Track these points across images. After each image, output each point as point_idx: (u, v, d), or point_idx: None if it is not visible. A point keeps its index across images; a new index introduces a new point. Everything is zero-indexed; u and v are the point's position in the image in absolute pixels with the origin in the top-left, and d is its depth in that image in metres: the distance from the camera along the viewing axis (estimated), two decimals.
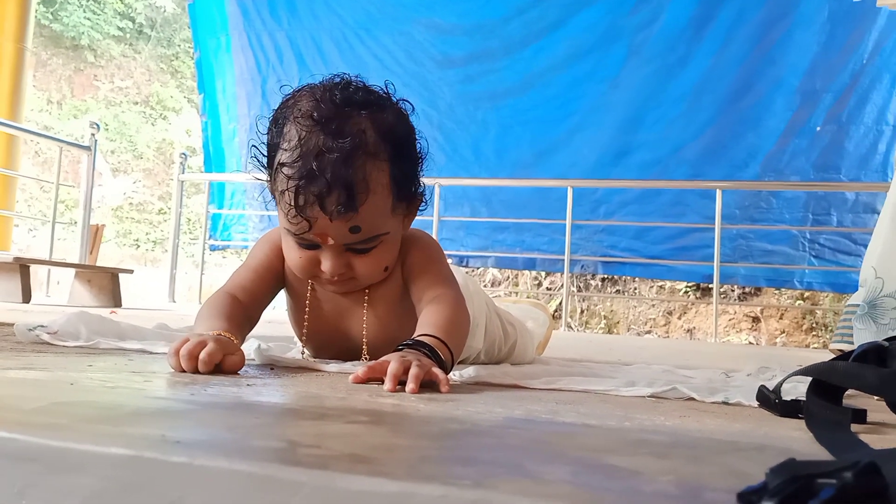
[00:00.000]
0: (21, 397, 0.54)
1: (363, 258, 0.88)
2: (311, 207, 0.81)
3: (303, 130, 0.82)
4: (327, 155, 0.80)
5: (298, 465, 0.38)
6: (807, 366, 0.70)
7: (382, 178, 0.84)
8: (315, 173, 0.80)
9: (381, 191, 0.84)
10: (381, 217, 0.86)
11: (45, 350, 0.92)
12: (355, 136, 0.81)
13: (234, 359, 0.75)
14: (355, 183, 0.81)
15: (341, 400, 0.62)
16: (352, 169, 0.80)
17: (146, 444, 0.41)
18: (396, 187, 0.86)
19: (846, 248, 4.46)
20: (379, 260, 0.89)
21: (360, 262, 0.88)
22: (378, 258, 0.89)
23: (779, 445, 0.54)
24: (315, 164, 0.80)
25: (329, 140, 0.80)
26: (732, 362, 1.79)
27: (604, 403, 0.72)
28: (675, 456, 0.46)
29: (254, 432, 0.46)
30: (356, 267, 0.88)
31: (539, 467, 0.40)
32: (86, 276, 3.42)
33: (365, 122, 0.83)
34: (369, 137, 0.83)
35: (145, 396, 0.60)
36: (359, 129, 0.82)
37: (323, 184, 0.79)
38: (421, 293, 0.90)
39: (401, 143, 0.87)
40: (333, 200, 0.80)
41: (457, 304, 0.87)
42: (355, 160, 0.81)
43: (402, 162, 0.87)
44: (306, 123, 0.82)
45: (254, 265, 0.96)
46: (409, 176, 0.89)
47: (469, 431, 0.51)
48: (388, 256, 0.90)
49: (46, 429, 0.43)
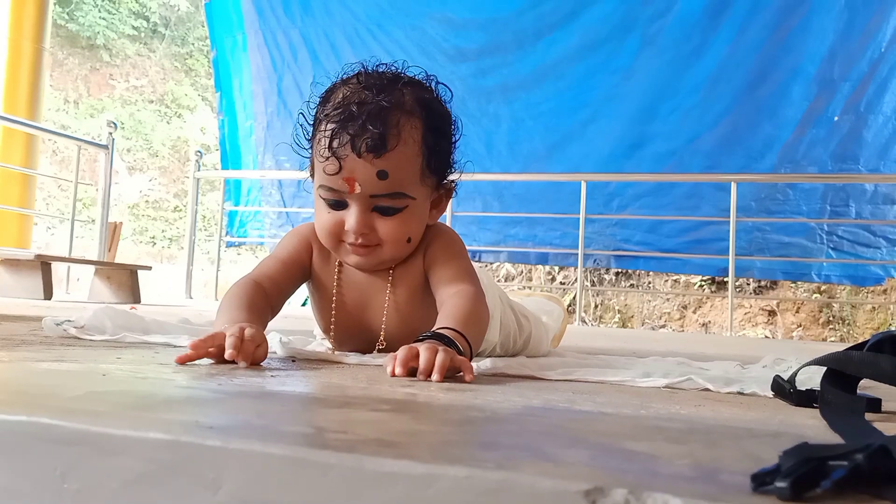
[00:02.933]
0: (58, 386, 0.57)
1: (387, 221, 0.90)
2: (343, 148, 0.86)
3: (348, 91, 0.89)
4: (366, 105, 0.86)
5: (328, 448, 0.40)
6: (822, 356, 0.70)
7: (415, 135, 0.89)
8: (353, 115, 0.86)
9: (412, 145, 0.89)
10: (409, 173, 0.89)
11: (74, 344, 0.95)
12: (394, 96, 0.88)
13: (258, 351, 0.77)
14: (388, 128, 0.86)
15: (363, 389, 0.64)
16: (387, 117, 0.86)
17: (182, 429, 0.42)
18: (427, 152, 0.91)
19: (865, 240, 4.40)
20: (403, 226, 0.91)
21: (384, 224, 0.90)
22: (402, 224, 0.91)
23: (793, 432, 0.55)
24: (354, 109, 0.86)
25: (370, 95, 0.87)
26: (749, 354, 1.79)
27: (620, 393, 0.74)
28: (691, 441, 0.47)
29: (282, 419, 0.48)
30: (379, 230, 0.90)
31: (559, 451, 0.42)
32: (105, 272, 3.48)
33: (405, 89, 0.91)
34: (407, 100, 0.89)
35: (175, 386, 0.62)
36: (399, 91, 0.89)
37: (358, 125, 0.85)
38: (442, 286, 0.92)
39: (436, 116, 0.93)
40: (365, 138, 0.85)
41: (477, 299, 0.89)
42: (391, 112, 0.87)
43: (436, 132, 0.92)
44: (352, 86, 0.90)
45: (282, 256, 0.98)
46: (441, 148, 0.93)
47: (489, 419, 0.52)
48: (412, 227, 0.93)
49: (86, 415, 0.45)
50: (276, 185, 5.66)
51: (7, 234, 4.90)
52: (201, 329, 1.20)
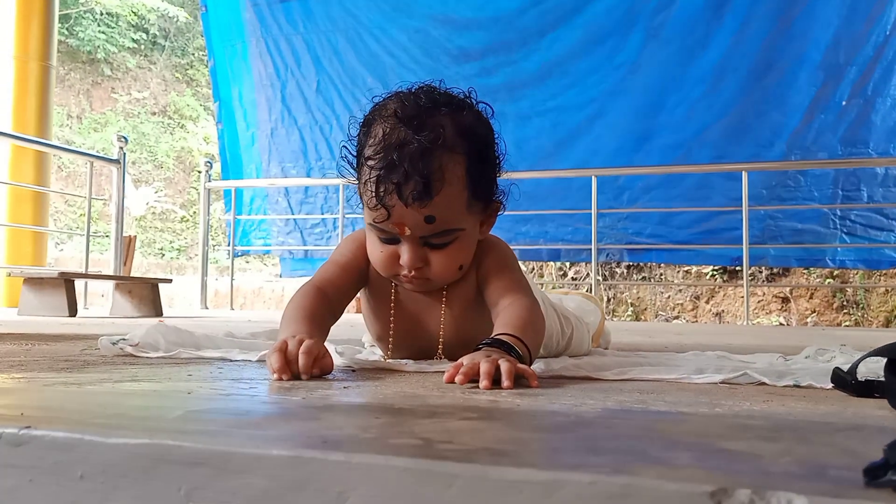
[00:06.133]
0: (156, 407, 0.59)
1: (439, 254, 0.92)
2: (389, 196, 0.86)
3: (387, 127, 0.88)
4: (407, 147, 0.86)
5: (446, 459, 0.41)
6: (882, 346, 0.72)
7: (458, 171, 0.89)
8: (395, 163, 0.85)
9: (456, 183, 0.88)
10: (456, 211, 0.90)
11: (135, 362, 0.97)
12: (434, 131, 0.86)
13: (326, 360, 0.79)
14: (432, 173, 0.86)
15: (440, 398, 0.65)
16: (429, 160, 0.86)
17: (300, 444, 0.44)
18: (472, 183, 0.91)
19: (878, 223, 4.40)
20: (454, 257, 0.93)
21: (436, 257, 0.92)
22: (453, 255, 0.92)
23: (872, 424, 0.56)
24: (395, 156, 0.86)
25: (410, 134, 0.86)
26: (776, 344, 1.80)
27: (683, 391, 0.75)
28: (783, 439, 0.49)
29: (386, 431, 0.50)
30: (432, 262, 0.92)
31: (662, 454, 0.43)
32: (126, 287, 3.51)
33: (445, 119, 0.89)
34: (448, 133, 0.88)
35: (262, 402, 0.64)
36: (438, 124, 0.88)
37: (401, 173, 0.85)
38: (496, 297, 0.94)
39: (478, 142, 0.92)
40: (410, 188, 0.85)
41: (533, 308, 0.90)
42: (433, 152, 0.86)
43: (480, 160, 0.92)
44: (391, 121, 0.88)
45: (341, 261, 1.00)
46: (486, 175, 0.94)
47: (578, 423, 0.54)
48: (462, 255, 0.94)
49: (203, 435, 0.47)
50: (283, 192, 5.69)
51: (23, 252, 4.94)
52: (247, 342, 1.22)
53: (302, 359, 0.76)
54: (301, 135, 5.64)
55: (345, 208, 5.16)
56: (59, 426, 0.49)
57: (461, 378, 0.73)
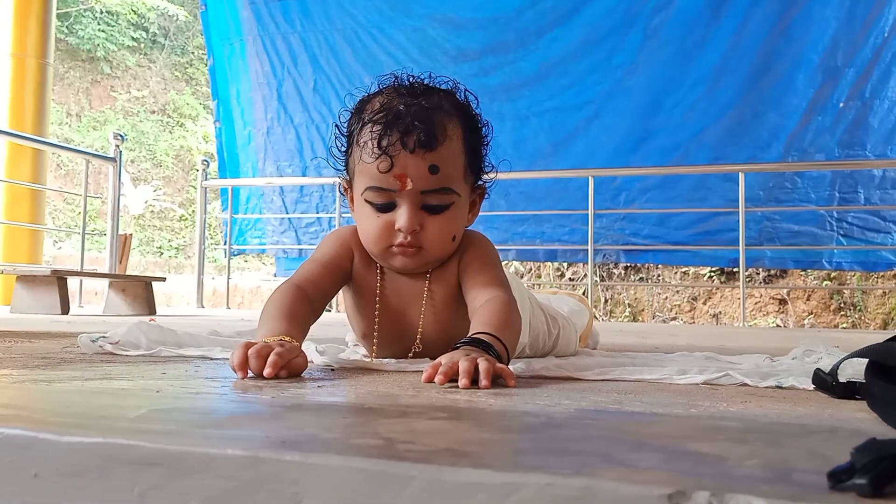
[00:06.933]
0: (119, 406, 0.58)
1: (435, 220, 0.93)
2: (393, 146, 0.89)
3: (385, 99, 0.93)
4: (410, 106, 0.91)
5: (403, 460, 0.40)
6: (863, 347, 0.71)
7: (458, 132, 0.93)
8: (400, 113, 0.90)
9: (456, 140, 0.93)
10: (455, 169, 0.93)
11: (113, 360, 0.96)
12: (432, 100, 0.92)
13: (298, 360, 0.78)
14: (435, 125, 0.90)
15: (413, 398, 0.64)
16: (431, 116, 0.90)
17: (257, 444, 0.43)
18: (469, 151, 0.94)
19: (875, 225, 4.39)
20: (449, 223, 0.94)
21: (432, 223, 0.93)
22: (448, 222, 0.94)
23: (848, 427, 0.55)
24: (401, 108, 0.90)
25: (410, 99, 0.91)
26: (770, 346, 1.79)
27: (662, 392, 0.74)
28: (753, 441, 0.48)
29: (349, 431, 0.49)
30: (427, 228, 0.93)
31: (627, 455, 0.42)
32: (120, 285, 3.50)
33: (441, 95, 0.95)
34: (445, 104, 0.94)
35: (230, 401, 0.63)
36: (436, 97, 0.93)
37: (406, 122, 0.89)
38: (474, 292, 0.93)
39: (472, 119, 0.97)
40: (414, 137, 0.89)
41: (510, 306, 0.90)
42: (434, 112, 0.91)
43: (473, 133, 0.96)
44: (388, 94, 0.93)
45: (322, 260, 1.00)
46: (478, 149, 0.98)
47: (548, 424, 0.53)
48: (457, 225, 0.96)
49: (161, 435, 0.46)
50: (277, 191, 5.68)
51: (19, 251, 4.93)
52: (231, 340, 1.21)
53: (273, 358, 0.74)
54: (297, 133, 5.63)
55: (341, 207, 5.15)
56: (18, 424, 0.48)
57: (440, 378, 0.72)
